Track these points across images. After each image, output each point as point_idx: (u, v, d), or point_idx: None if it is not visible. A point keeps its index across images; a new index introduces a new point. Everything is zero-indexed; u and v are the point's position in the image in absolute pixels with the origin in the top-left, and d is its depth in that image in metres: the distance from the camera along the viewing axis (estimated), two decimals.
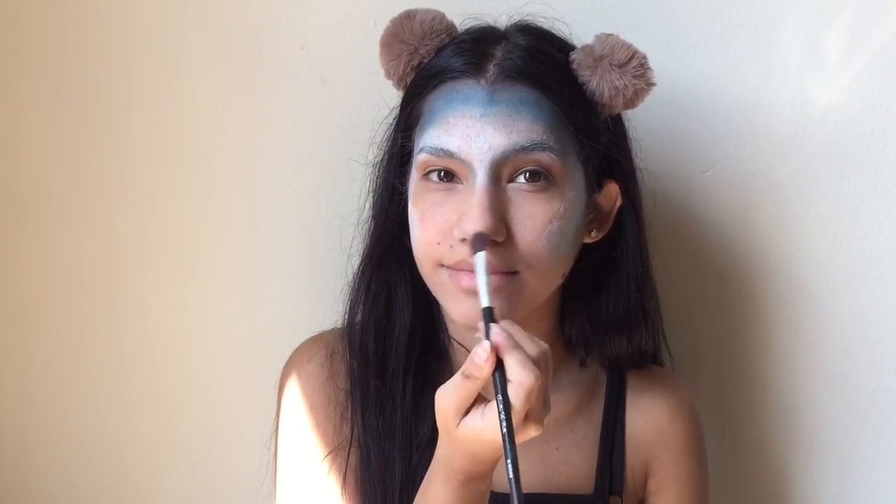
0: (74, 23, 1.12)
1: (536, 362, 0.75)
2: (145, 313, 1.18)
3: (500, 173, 0.85)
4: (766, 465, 1.17)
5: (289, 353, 1.00)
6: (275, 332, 1.15)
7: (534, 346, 0.76)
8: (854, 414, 1.15)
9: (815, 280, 1.13)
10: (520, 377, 0.74)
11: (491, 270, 0.83)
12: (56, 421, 1.20)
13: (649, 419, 0.99)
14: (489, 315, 0.78)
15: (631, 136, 0.97)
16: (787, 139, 1.11)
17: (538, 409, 0.76)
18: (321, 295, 1.12)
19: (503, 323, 0.78)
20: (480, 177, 0.84)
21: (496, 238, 0.84)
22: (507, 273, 0.85)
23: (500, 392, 0.74)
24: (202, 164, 1.15)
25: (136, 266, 1.17)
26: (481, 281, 0.79)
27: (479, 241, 0.82)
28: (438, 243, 0.86)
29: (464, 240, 0.84)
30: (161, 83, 1.13)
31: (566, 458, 0.97)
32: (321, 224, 1.13)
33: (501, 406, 0.74)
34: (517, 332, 0.77)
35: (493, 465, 0.80)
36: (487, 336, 0.76)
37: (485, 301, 0.79)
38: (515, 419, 0.74)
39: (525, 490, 0.93)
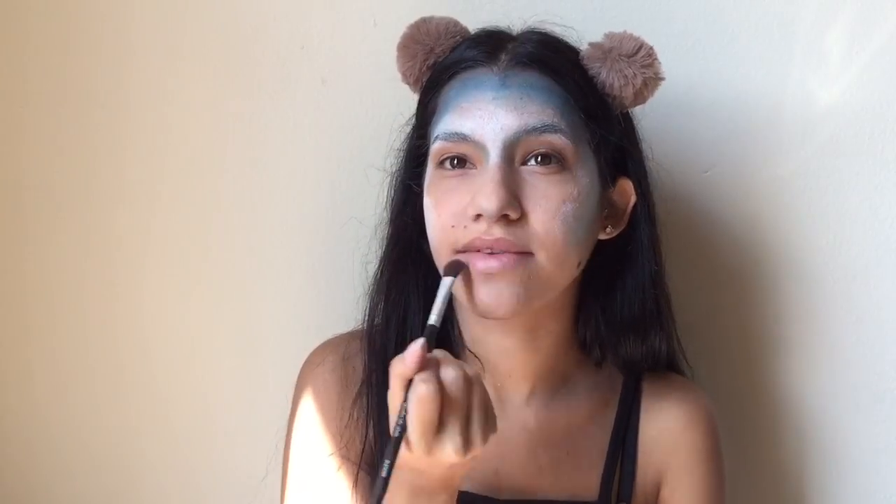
0: (75, 23, 1.12)
1: (449, 382, 0.75)
2: (147, 314, 1.18)
3: (513, 154, 0.86)
4: (778, 464, 1.17)
5: (294, 357, 1.00)
6: (277, 335, 1.15)
7: (455, 368, 0.76)
8: (856, 414, 1.15)
9: (816, 280, 1.13)
10: (417, 388, 0.74)
11: (503, 249, 0.84)
12: (57, 420, 1.20)
13: (663, 426, 0.98)
14: (431, 332, 0.78)
15: (641, 137, 0.97)
16: (787, 139, 1.11)
17: (450, 429, 0.75)
18: (320, 296, 1.13)
19: (436, 351, 0.77)
20: (493, 156, 0.85)
21: (510, 214, 0.84)
22: (521, 253, 0.85)
23: (405, 400, 0.75)
24: (202, 163, 1.15)
25: (136, 267, 1.17)
26: (439, 300, 0.80)
27: (452, 268, 0.83)
28: (453, 226, 0.86)
29: (478, 216, 0.84)
30: (161, 83, 1.13)
31: (577, 464, 0.96)
32: (319, 223, 1.13)
33: (400, 413, 0.74)
34: (444, 354, 0.78)
35: (443, 481, 0.79)
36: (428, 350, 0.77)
37: (432, 319, 0.79)
38: (417, 429, 0.74)
39: (532, 496, 0.94)
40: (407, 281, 0.95)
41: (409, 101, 0.97)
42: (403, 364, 0.75)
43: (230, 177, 1.15)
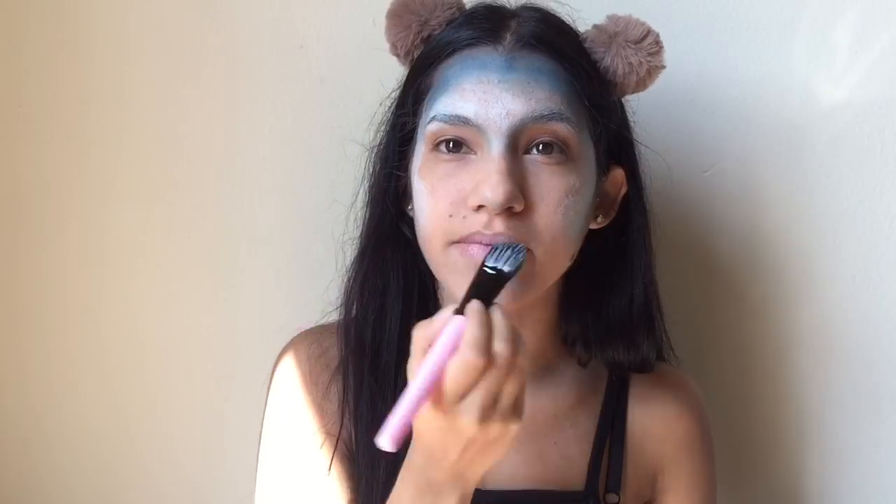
0: (73, 22, 1.12)
1: (496, 353, 0.70)
2: (142, 313, 1.18)
3: (517, 142, 0.82)
4: (772, 464, 1.17)
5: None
6: (272, 328, 1.15)
7: (506, 335, 0.71)
8: (854, 413, 1.15)
9: (816, 280, 1.13)
10: (463, 352, 0.70)
11: (505, 241, 0.81)
12: (52, 421, 1.19)
13: (656, 416, 0.97)
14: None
15: (633, 122, 0.95)
16: (788, 139, 1.11)
17: (486, 401, 0.71)
18: (319, 292, 1.12)
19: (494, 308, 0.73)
20: (497, 144, 0.81)
21: (515, 207, 0.81)
22: None
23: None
24: (201, 163, 1.15)
25: (134, 267, 1.17)
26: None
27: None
28: (451, 215, 0.82)
29: (480, 207, 0.81)
30: (160, 82, 1.13)
31: (564, 453, 0.94)
32: (319, 223, 1.12)
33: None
34: (500, 316, 0.72)
35: (453, 473, 0.75)
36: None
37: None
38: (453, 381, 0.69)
39: (519, 486, 0.92)
40: (386, 267, 0.93)
41: None
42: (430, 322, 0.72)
43: (228, 176, 1.15)
